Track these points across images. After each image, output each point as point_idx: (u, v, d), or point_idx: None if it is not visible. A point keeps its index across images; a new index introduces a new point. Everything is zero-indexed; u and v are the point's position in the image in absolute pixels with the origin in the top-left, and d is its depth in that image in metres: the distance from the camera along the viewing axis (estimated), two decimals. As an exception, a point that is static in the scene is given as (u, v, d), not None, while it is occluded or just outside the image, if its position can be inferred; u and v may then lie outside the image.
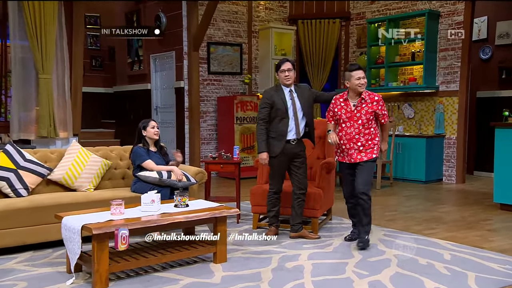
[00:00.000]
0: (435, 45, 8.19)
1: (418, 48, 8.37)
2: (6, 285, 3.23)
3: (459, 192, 7.35)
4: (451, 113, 8.11)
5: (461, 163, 8.05)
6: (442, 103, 8.20)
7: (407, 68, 8.64)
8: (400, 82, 8.61)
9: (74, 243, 3.25)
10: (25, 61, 8.00)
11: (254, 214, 4.82)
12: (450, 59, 8.09)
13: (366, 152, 4.16)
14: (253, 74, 9.31)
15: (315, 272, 3.51)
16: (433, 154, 8.06)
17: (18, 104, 8.05)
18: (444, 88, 8.18)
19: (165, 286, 3.21)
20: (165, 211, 3.66)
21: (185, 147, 8.58)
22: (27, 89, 8.03)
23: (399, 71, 8.76)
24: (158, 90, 9.45)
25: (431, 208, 6.00)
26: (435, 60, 8.24)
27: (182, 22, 8.45)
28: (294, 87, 4.39)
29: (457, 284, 3.32)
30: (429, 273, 3.51)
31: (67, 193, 4.41)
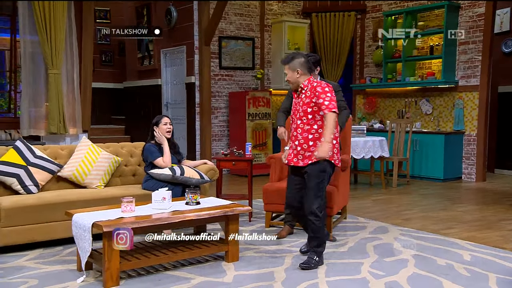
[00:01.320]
0: (454, 38, 8.09)
1: (436, 41, 8.27)
2: (17, 283, 3.27)
3: (479, 190, 7.27)
4: (471, 109, 8.02)
5: (481, 161, 7.96)
6: (462, 98, 8.11)
7: (425, 62, 8.56)
8: (417, 77, 8.53)
9: (85, 241, 3.28)
10: (34, 56, 8.08)
11: (267, 213, 4.82)
12: (470, 52, 7.99)
13: (304, 155, 3.53)
14: (265, 69, 9.29)
15: (329, 272, 3.50)
16: (452, 151, 7.98)
17: (28, 100, 8.14)
18: (464, 83, 8.09)
19: (176, 285, 3.23)
20: (176, 209, 3.67)
21: (196, 144, 8.61)
22: (37, 84, 8.12)
23: (416, 65, 8.67)
24: (168, 86, 9.49)
25: (450, 207, 5.95)
26: (454, 54, 8.14)
27: (193, 16, 8.46)
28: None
29: (478, 285, 3.29)
30: (448, 274, 3.47)
31: (77, 190, 4.44)
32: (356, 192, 6.96)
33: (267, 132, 8.68)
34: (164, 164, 4.47)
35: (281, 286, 3.24)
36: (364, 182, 7.80)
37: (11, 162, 4.23)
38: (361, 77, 9.55)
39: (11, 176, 4.17)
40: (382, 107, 9.30)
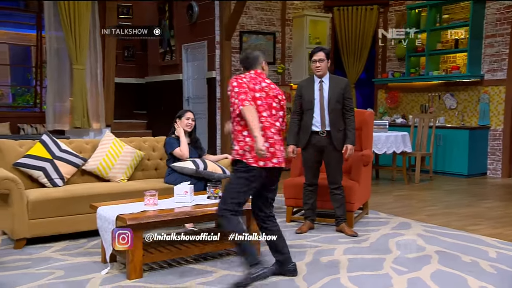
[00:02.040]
0: (480, 31, 7.93)
1: (462, 34, 8.11)
2: (44, 273, 3.34)
3: (505, 186, 7.13)
4: (497, 103, 7.86)
5: (507, 156, 7.80)
6: (488, 93, 7.95)
7: (449, 56, 8.41)
8: (442, 71, 8.40)
9: (109, 233, 3.32)
10: (59, 52, 8.23)
11: (288, 207, 4.83)
12: (497, 46, 7.82)
13: (232, 153, 3.21)
14: (286, 64, 9.26)
15: (351, 267, 3.49)
16: (476, 147, 7.84)
17: (53, 95, 8.31)
18: (490, 77, 7.93)
19: (199, 278, 3.25)
20: (198, 203, 3.70)
21: (216, 139, 8.65)
22: (61, 80, 8.27)
23: (440, 59, 8.53)
24: (189, 81, 9.53)
25: (474, 204, 5.85)
26: (480, 47, 7.98)
27: (214, 11, 8.48)
28: (328, 78, 4.31)
29: (505, 283, 3.23)
30: (473, 271, 3.42)
31: (101, 184, 4.51)
32: (378, 187, 6.90)
33: (288, 127, 8.64)
34: (181, 153, 4.53)
35: (302, 280, 3.23)
36: (385, 178, 7.73)
37: (38, 155, 4.32)
38: (383, 71, 9.44)
39: (38, 169, 4.26)
40: (405, 102, 9.18)
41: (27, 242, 3.94)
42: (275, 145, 3.15)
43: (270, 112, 3.22)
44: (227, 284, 3.09)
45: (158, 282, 3.17)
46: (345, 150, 4.23)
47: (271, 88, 3.31)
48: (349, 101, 4.27)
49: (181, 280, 3.22)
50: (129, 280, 3.21)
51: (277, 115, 3.26)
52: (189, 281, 3.20)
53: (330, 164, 4.30)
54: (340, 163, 4.34)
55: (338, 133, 4.24)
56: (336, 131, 4.23)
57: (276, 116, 3.25)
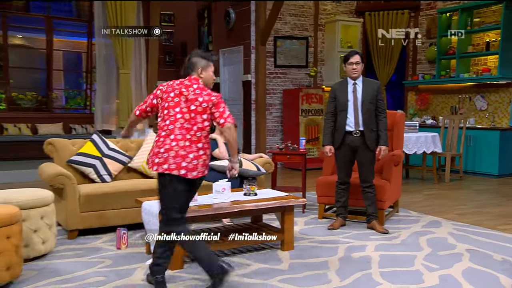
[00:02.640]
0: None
1: (493, 37, 7.86)
2: (95, 262, 3.44)
3: (536, 187, 6.87)
4: (527, 105, 7.57)
5: (538, 157, 7.50)
6: (519, 94, 7.67)
7: (480, 58, 8.15)
8: (472, 73, 8.15)
9: (153, 226, 3.38)
10: (107, 57, 8.43)
11: (320, 205, 4.79)
12: (529, 48, 7.53)
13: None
14: (318, 67, 9.19)
15: (382, 263, 3.43)
16: (507, 147, 7.56)
17: (101, 97, 8.52)
18: (521, 79, 7.64)
19: (235, 271, 3.24)
20: (235, 199, 3.72)
21: (251, 139, 8.67)
22: (109, 83, 8.47)
23: (471, 61, 8.28)
24: (226, 83, 9.60)
25: (506, 203, 5.65)
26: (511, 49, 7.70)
27: (250, 17, 8.50)
28: (362, 81, 4.26)
29: (535, 282, 3.11)
30: (505, 270, 3.31)
31: (145, 180, 4.57)
32: (408, 186, 6.76)
33: (319, 128, 8.60)
34: (220, 155, 4.58)
35: (335, 275, 3.20)
36: (415, 177, 7.56)
37: (88, 153, 4.45)
38: (414, 74, 9.24)
39: (89, 166, 4.39)
40: (435, 103, 8.96)
41: (79, 233, 4.06)
42: (170, 151, 2.84)
43: (175, 117, 2.89)
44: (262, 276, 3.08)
45: (197, 273, 3.19)
46: (379, 151, 4.18)
47: (195, 93, 2.95)
48: (381, 102, 4.22)
49: (220, 271, 3.25)
50: (170, 270, 3.23)
51: (195, 119, 2.90)
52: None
53: (363, 163, 4.25)
54: (373, 162, 4.28)
55: (371, 133, 4.19)
56: (369, 131, 4.18)
57: (191, 122, 2.89)
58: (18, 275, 3.05)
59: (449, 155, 7.15)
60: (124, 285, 3.02)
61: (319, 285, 3.01)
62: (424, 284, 3.04)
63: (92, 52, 9.31)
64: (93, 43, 9.06)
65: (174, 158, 2.83)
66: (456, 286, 3.02)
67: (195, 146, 2.88)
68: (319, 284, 3.03)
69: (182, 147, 2.85)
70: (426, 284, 3.04)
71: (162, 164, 2.83)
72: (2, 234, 2.90)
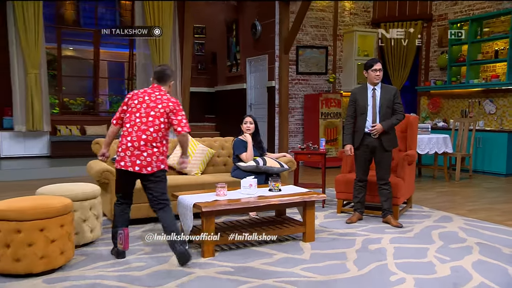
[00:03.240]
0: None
1: (502, 46, 7.64)
2: (136, 249, 3.50)
3: (543, 186, 6.64)
4: (535, 109, 7.33)
5: (545, 158, 7.26)
6: (526, 99, 7.44)
7: (489, 65, 7.94)
8: (481, 79, 7.94)
9: (187, 218, 3.42)
10: (146, 66, 8.57)
11: (338, 200, 4.76)
12: (535, 55, 7.29)
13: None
14: (337, 74, 9.12)
15: (397, 255, 3.39)
16: (515, 149, 7.35)
17: (140, 101, 8.60)
18: (528, 84, 7.41)
19: (261, 259, 3.27)
20: (261, 194, 3.72)
21: (275, 139, 8.67)
22: (148, 89, 8.54)
23: (480, 68, 8.07)
24: (252, 89, 9.62)
25: (513, 201, 5.50)
26: (519, 57, 7.48)
27: (274, 28, 8.51)
28: (380, 86, 4.21)
29: (543, 275, 3.02)
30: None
31: (180, 176, 4.62)
32: (420, 184, 6.64)
33: (337, 129, 8.54)
34: (246, 159, 4.56)
35: (353, 265, 3.18)
36: (427, 176, 7.42)
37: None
38: (426, 80, 9.07)
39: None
40: (446, 107, 8.77)
41: (121, 223, 4.14)
42: (127, 150, 3.14)
43: (134, 121, 3.16)
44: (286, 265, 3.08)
45: (227, 261, 3.22)
46: (376, 125, 4.08)
47: (157, 100, 3.22)
48: (398, 105, 4.17)
49: (246, 260, 3.25)
50: (203, 258, 3.28)
51: (153, 122, 3.16)
52: (253, 261, 3.23)
53: (380, 162, 4.20)
54: (389, 162, 4.24)
55: (388, 135, 4.14)
56: (386, 133, 4.13)
57: (148, 124, 3.15)
58: (70, 259, 3.14)
59: (459, 155, 6.99)
60: (162, 270, 3.06)
61: (339, 274, 2.99)
62: (436, 275, 2.99)
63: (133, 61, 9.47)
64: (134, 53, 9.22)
65: (130, 157, 3.14)
66: (466, 276, 2.96)
67: (150, 145, 3.15)
68: (339, 273, 3.01)
69: (137, 147, 3.13)
70: (438, 275, 2.99)
71: (120, 162, 3.17)
72: (57, 223, 2.99)
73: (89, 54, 10.41)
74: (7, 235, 2.88)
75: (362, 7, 9.28)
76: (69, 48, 11.48)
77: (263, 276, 2.94)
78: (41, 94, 8.06)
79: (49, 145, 8.40)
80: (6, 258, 2.88)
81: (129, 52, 9.91)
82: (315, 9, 8.80)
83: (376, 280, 2.89)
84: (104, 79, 11.70)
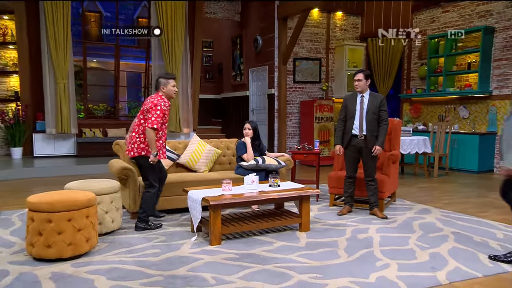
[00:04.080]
0: (489, 56, 7.41)
1: (474, 59, 7.63)
2: (151, 237, 3.50)
3: (511, 182, 6.61)
4: (503, 114, 7.31)
5: None
6: (495, 105, 7.41)
7: (463, 76, 7.92)
8: (456, 88, 7.93)
9: (196, 210, 3.43)
10: (161, 76, 8.52)
11: (331, 195, 4.75)
12: (503, 67, 7.28)
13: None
14: (329, 83, 9.12)
15: (382, 243, 3.38)
16: (485, 149, 7.34)
17: (156, 107, 8.58)
18: (497, 93, 7.39)
19: (262, 247, 3.27)
20: (262, 190, 3.72)
21: (274, 140, 8.67)
22: (162, 96, 8.53)
23: (456, 78, 8.05)
24: (254, 96, 9.61)
25: (484, 194, 5.48)
26: (489, 69, 7.46)
27: (274, 43, 8.51)
28: (368, 94, 4.18)
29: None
30: (483, 249, 3.23)
31: (190, 173, 4.63)
32: (403, 180, 6.63)
33: (330, 132, 8.53)
34: (247, 159, 4.56)
35: (343, 252, 3.18)
36: (409, 173, 7.41)
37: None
38: (408, 88, 9.06)
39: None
40: (425, 112, 8.76)
41: (139, 215, 4.14)
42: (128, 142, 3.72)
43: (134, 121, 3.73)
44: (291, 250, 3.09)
45: (232, 248, 3.23)
46: (375, 149, 4.10)
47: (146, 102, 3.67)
48: (384, 113, 4.13)
49: (249, 247, 3.25)
50: (211, 245, 3.29)
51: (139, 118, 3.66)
52: (256, 248, 3.23)
53: (366, 161, 4.19)
54: (374, 161, 4.21)
55: (373, 137, 4.13)
56: (372, 136, 4.12)
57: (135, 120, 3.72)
58: (94, 246, 3.15)
59: (437, 155, 6.97)
60: (175, 256, 3.07)
61: (331, 260, 2.99)
62: (416, 260, 2.99)
63: (149, 72, 9.47)
64: (150, 65, 9.22)
65: (128, 145, 3.71)
66: (443, 262, 2.96)
67: (135, 134, 3.63)
68: (331, 259, 3.01)
69: (131, 137, 3.66)
70: (418, 260, 2.98)
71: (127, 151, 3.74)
72: (82, 214, 3.00)
73: (110, 65, 10.43)
74: (40, 224, 2.90)
75: (351, 24, 9.27)
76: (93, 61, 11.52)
77: (264, 261, 2.94)
78: (69, 101, 8.08)
79: (76, 145, 8.41)
80: (39, 244, 2.89)
81: (145, 64, 9.91)
82: (310, 26, 8.79)
83: (364, 265, 2.89)
84: (124, 87, 11.73)
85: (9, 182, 6.16)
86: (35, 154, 8.16)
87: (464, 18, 7.86)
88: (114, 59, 9.43)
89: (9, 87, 8.38)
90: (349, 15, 9.18)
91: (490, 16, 7.40)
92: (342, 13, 9.08)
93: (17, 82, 8.33)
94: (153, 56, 8.52)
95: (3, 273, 2.71)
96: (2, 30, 8.15)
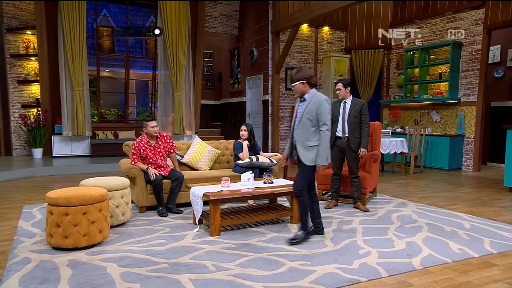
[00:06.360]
0: (458, 67, 7.48)
1: (444, 69, 7.70)
2: (158, 229, 3.49)
3: (476, 178, 6.67)
4: (470, 118, 7.37)
5: (477, 156, 7.31)
6: (463, 110, 7.48)
7: (435, 84, 7.98)
8: (430, 95, 7.98)
9: (198, 205, 3.42)
10: (166, 84, 8.53)
11: (319, 190, 4.75)
12: (470, 77, 7.35)
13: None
14: (317, 90, 9.13)
15: (364, 233, 3.40)
16: (455, 149, 7.40)
17: (161, 112, 8.62)
18: (465, 99, 7.45)
19: (258, 237, 3.27)
20: (257, 186, 3.72)
21: (268, 142, 8.67)
22: (167, 102, 8.56)
23: (429, 86, 8.11)
24: (250, 102, 9.61)
25: (453, 190, 5.52)
26: (458, 78, 7.52)
27: (268, 54, 8.52)
28: (350, 100, 4.19)
29: (476, 246, 3.05)
30: (453, 237, 3.25)
31: (193, 172, 4.61)
32: (383, 177, 6.66)
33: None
34: (242, 157, 4.55)
35: (330, 241, 3.18)
36: (388, 171, 7.44)
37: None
38: (387, 95, 9.10)
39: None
40: (403, 117, 8.81)
41: (146, 209, 4.12)
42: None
43: None
44: (284, 240, 3.09)
45: (230, 239, 3.22)
46: (360, 152, 4.12)
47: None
48: (365, 116, 4.13)
49: (246, 238, 3.25)
50: (211, 236, 3.28)
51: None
52: (252, 239, 3.23)
53: (349, 160, 4.20)
54: (357, 160, 4.22)
55: (355, 139, 4.14)
56: (353, 137, 4.13)
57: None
58: (106, 237, 3.13)
59: (413, 154, 7.02)
60: (178, 246, 3.06)
61: (319, 249, 2.99)
62: (395, 248, 3.00)
63: (155, 80, 9.44)
64: (156, 74, 9.19)
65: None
66: (418, 249, 2.97)
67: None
68: (319, 248, 3.01)
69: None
70: (396, 248, 3.00)
71: None
72: (96, 208, 2.98)
73: (121, 74, 10.40)
74: (58, 217, 2.88)
75: (337, 37, 9.31)
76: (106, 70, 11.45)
77: (259, 250, 2.94)
78: (84, 106, 8.04)
79: (90, 146, 8.36)
80: (57, 235, 2.88)
81: (152, 73, 9.88)
82: (300, 39, 8.82)
83: (348, 253, 2.89)
84: (133, 94, 11.67)
85: (31, 179, 6.11)
86: (54, 154, 8.11)
87: (436, 33, 7.92)
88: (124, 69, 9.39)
89: (31, 94, 8.35)
90: (335, 30, 9.21)
91: (458, 32, 7.47)
92: (328, 28, 9.12)
93: (38, 90, 8.29)
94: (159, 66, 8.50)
95: (26, 261, 2.69)
96: (25, 43, 8.14)
